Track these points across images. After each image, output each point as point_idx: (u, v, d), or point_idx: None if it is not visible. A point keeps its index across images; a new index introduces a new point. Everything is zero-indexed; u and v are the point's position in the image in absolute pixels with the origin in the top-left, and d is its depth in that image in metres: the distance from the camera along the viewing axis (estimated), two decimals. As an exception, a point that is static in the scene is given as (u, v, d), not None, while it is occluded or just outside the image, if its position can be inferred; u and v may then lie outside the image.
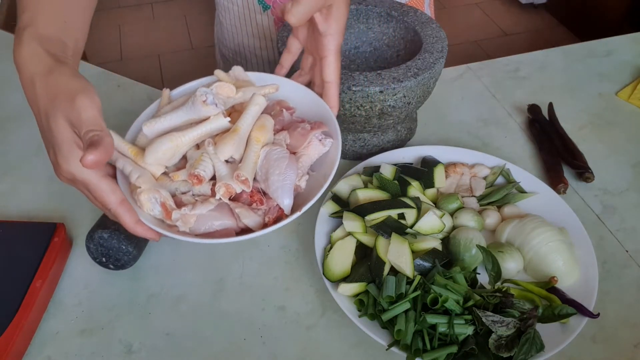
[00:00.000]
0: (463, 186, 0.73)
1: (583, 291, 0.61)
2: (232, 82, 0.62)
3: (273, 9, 0.89)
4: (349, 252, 0.64)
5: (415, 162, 0.77)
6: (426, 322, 0.56)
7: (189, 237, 0.53)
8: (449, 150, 0.77)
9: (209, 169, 0.55)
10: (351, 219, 0.65)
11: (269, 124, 0.59)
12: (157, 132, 0.57)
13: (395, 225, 0.64)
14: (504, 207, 0.70)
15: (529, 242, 0.64)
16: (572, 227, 0.67)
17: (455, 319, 0.56)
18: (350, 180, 0.71)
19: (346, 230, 0.65)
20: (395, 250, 0.61)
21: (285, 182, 0.55)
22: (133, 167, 0.55)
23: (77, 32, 0.57)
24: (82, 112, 0.48)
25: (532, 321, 0.55)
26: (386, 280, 0.59)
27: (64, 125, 0.48)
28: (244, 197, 0.57)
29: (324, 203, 0.69)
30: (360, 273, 0.61)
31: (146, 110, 0.64)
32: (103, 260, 0.64)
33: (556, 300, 0.60)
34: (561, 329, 0.57)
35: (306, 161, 0.59)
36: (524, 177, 0.73)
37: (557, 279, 0.62)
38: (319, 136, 0.60)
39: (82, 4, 0.58)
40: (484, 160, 0.76)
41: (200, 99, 0.55)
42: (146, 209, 0.54)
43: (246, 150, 0.57)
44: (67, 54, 0.53)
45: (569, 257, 0.63)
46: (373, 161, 0.76)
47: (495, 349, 0.54)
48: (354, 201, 0.69)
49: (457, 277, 0.59)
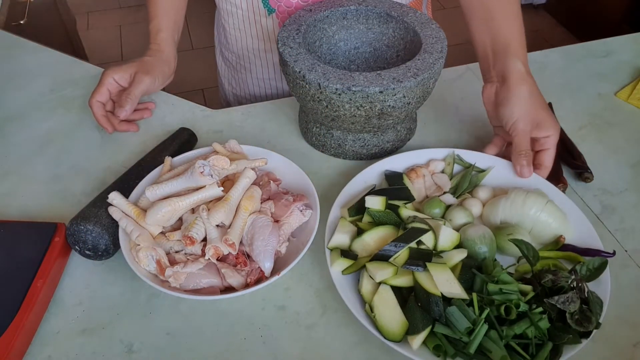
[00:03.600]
0: (431, 187, 0.73)
1: (587, 238, 0.66)
2: (227, 154, 0.72)
3: (278, 13, 0.89)
4: (392, 303, 0.59)
5: (379, 177, 0.75)
6: (512, 332, 0.54)
7: (179, 292, 0.59)
8: (413, 154, 0.76)
9: (201, 232, 0.62)
10: (378, 267, 0.60)
11: (257, 194, 0.67)
12: (158, 196, 0.65)
13: (422, 255, 0.60)
14: (475, 191, 0.71)
15: (527, 214, 0.66)
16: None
17: (532, 316, 0.55)
18: (343, 229, 0.66)
19: (377, 281, 0.60)
20: (442, 280, 0.57)
21: (267, 247, 0.62)
22: (134, 227, 0.63)
23: (180, 28, 0.94)
24: (139, 84, 0.83)
25: (582, 284, 0.58)
26: (450, 314, 0.55)
27: (130, 74, 0.84)
28: (230, 258, 0.63)
29: (332, 265, 0.63)
30: (419, 318, 0.56)
31: (149, 175, 0.72)
32: (77, 248, 0.65)
33: (575, 256, 0.64)
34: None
35: (287, 229, 0.66)
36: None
37: (564, 237, 0.65)
38: (300, 207, 0.67)
39: (181, 12, 0.94)
40: (436, 155, 0.76)
41: (199, 170, 0.63)
42: (143, 264, 0.61)
43: (235, 217, 0.64)
44: (170, 44, 0.90)
45: (560, 214, 0.67)
46: (347, 192, 0.71)
47: (577, 325, 0.55)
48: (364, 247, 0.64)
49: (502, 277, 0.58)
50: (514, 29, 0.76)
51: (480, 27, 0.78)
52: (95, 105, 0.82)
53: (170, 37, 0.90)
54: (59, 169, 0.81)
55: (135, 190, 0.70)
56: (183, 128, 0.83)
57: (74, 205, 0.74)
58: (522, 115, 0.71)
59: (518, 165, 0.71)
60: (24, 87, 0.96)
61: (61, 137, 0.87)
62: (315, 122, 0.81)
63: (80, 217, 0.65)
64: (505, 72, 0.73)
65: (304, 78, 0.69)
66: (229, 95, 1.13)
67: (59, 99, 0.94)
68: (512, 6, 0.77)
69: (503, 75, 0.73)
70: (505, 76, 0.73)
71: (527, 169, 0.71)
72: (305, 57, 0.71)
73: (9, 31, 1.14)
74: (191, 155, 0.75)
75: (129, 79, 0.84)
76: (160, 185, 0.65)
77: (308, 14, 0.79)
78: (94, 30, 3.03)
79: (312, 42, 0.80)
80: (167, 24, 0.90)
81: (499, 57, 0.75)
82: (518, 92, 0.71)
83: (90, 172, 0.80)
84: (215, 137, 0.86)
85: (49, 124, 0.89)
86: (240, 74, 1.06)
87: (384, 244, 0.63)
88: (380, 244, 0.64)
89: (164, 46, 0.88)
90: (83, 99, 0.93)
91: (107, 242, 0.64)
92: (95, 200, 0.68)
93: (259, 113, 0.91)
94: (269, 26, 0.93)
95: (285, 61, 0.71)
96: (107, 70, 0.84)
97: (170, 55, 0.89)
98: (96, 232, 0.64)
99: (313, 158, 0.82)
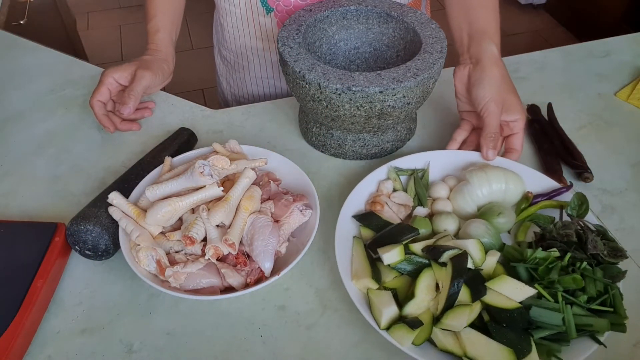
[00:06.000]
0: (399, 209, 0.70)
1: (542, 183, 0.71)
2: (227, 154, 0.72)
3: (276, 12, 0.89)
4: (484, 341, 0.55)
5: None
6: (584, 297, 0.57)
7: (179, 292, 0.59)
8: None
9: (201, 232, 0.62)
10: (454, 316, 0.56)
11: (257, 194, 0.66)
12: (158, 196, 0.64)
13: (476, 278, 0.58)
14: (432, 192, 0.71)
15: (497, 190, 0.69)
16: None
17: (587, 272, 0.59)
18: (380, 301, 0.59)
19: (463, 328, 0.56)
20: (511, 289, 0.56)
21: (267, 247, 0.62)
22: (134, 227, 0.63)
23: (178, 28, 0.94)
24: (141, 80, 0.82)
25: (584, 223, 0.65)
26: (537, 315, 0.55)
27: (130, 73, 0.84)
28: (230, 258, 0.63)
29: (403, 343, 0.55)
30: (515, 339, 0.54)
31: (149, 175, 0.72)
32: (77, 248, 0.65)
33: (549, 203, 0.69)
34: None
35: (287, 229, 0.66)
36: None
37: (531, 192, 0.70)
38: (300, 207, 0.67)
39: (180, 12, 0.94)
40: (380, 175, 0.74)
41: (199, 170, 0.63)
42: (143, 264, 0.61)
43: (235, 217, 0.64)
44: (168, 44, 0.90)
45: (516, 175, 0.70)
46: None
47: (614, 257, 0.61)
48: (417, 306, 0.59)
49: (538, 255, 0.60)
50: (491, 19, 0.79)
51: (459, 14, 0.81)
52: (96, 105, 0.82)
53: (169, 37, 0.90)
54: (59, 169, 0.81)
55: (135, 190, 0.70)
56: (183, 128, 0.83)
57: (74, 205, 0.74)
58: (494, 96, 0.73)
59: (485, 147, 0.73)
60: (24, 87, 0.96)
61: (61, 137, 0.87)
62: (315, 122, 0.81)
63: (80, 217, 0.65)
64: (479, 54, 0.75)
65: (304, 78, 0.69)
66: (227, 94, 1.13)
67: (59, 99, 0.94)
68: (491, 1, 0.80)
69: (477, 57, 0.75)
70: (479, 58, 0.75)
71: (492, 152, 0.73)
72: (305, 57, 0.71)
73: (9, 31, 1.14)
74: (191, 155, 0.75)
75: (129, 77, 0.84)
76: (160, 185, 0.65)
77: (308, 14, 0.79)
78: (94, 30, 3.03)
79: (312, 42, 0.80)
80: (165, 24, 0.90)
81: (474, 40, 0.77)
82: (491, 74, 0.73)
83: (90, 172, 0.80)
84: (215, 137, 0.86)
85: (49, 124, 0.89)
86: (238, 73, 1.06)
87: (431, 290, 0.59)
88: (429, 292, 0.59)
89: (162, 46, 0.89)
90: (83, 99, 0.93)
91: (107, 242, 0.64)
92: (95, 200, 0.68)
93: (259, 113, 0.91)
94: (268, 25, 0.93)
95: (285, 61, 0.71)
96: (107, 70, 0.84)
97: (169, 54, 0.89)
98: (96, 232, 0.64)
99: (313, 158, 0.82)
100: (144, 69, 0.83)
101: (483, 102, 0.73)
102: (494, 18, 0.79)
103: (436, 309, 0.58)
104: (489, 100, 0.73)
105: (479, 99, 0.74)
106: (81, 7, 3.13)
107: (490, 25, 0.78)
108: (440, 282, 0.59)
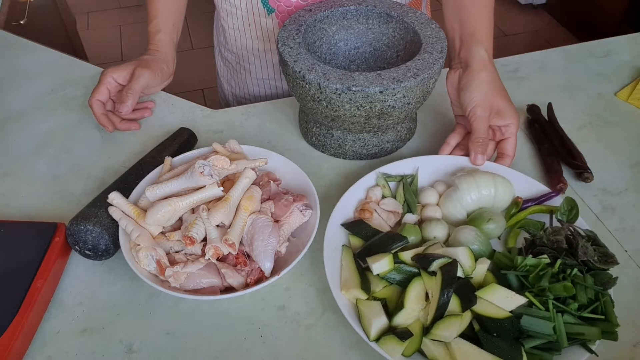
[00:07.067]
0: (388, 216, 0.70)
1: (531, 189, 0.71)
2: (227, 154, 0.71)
3: (277, 13, 0.89)
4: (475, 351, 0.54)
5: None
6: (575, 305, 0.57)
7: (179, 292, 0.59)
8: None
9: (201, 232, 0.62)
10: (445, 326, 0.55)
11: (257, 194, 0.66)
12: (158, 196, 0.64)
13: (465, 287, 0.58)
14: (421, 195, 0.71)
15: (486, 196, 0.68)
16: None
17: (578, 279, 0.58)
18: (370, 312, 0.58)
19: (453, 339, 0.55)
20: (501, 298, 0.56)
21: (268, 247, 0.62)
22: (134, 227, 0.63)
23: (179, 30, 0.94)
24: (139, 78, 0.82)
25: (574, 228, 0.65)
26: (527, 324, 0.54)
27: (129, 72, 0.84)
28: (230, 258, 0.63)
29: (393, 355, 0.54)
30: (506, 348, 0.53)
31: (149, 175, 0.72)
32: (77, 248, 0.65)
33: (539, 208, 0.68)
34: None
35: (287, 229, 0.66)
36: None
37: (521, 197, 0.69)
38: (300, 207, 0.67)
39: (181, 13, 0.94)
40: (369, 182, 0.73)
41: (199, 170, 0.63)
42: (143, 264, 0.61)
43: (235, 217, 0.64)
44: (169, 45, 0.90)
45: (505, 180, 0.69)
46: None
47: (605, 264, 0.61)
48: (407, 316, 0.58)
49: (528, 262, 0.60)
50: (483, 18, 0.78)
51: (452, 14, 0.81)
52: (95, 104, 0.82)
53: (169, 38, 0.90)
54: (59, 169, 0.81)
55: (135, 190, 0.70)
56: (183, 128, 0.83)
57: (74, 205, 0.74)
58: (481, 100, 0.73)
59: (473, 152, 0.72)
60: (24, 87, 0.96)
61: (61, 137, 0.87)
62: (315, 122, 0.81)
63: (80, 217, 0.65)
64: (468, 58, 0.75)
65: (304, 78, 0.69)
66: (228, 95, 1.13)
67: (59, 99, 0.94)
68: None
69: (467, 61, 0.76)
70: (468, 62, 0.75)
71: (481, 157, 0.72)
72: (305, 57, 0.71)
73: (9, 31, 1.14)
74: (191, 155, 0.75)
75: (128, 77, 0.84)
76: (160, 185, 0.65)
77: (308, 14, 0.79)
78: (94, 30, 3.03)
79: (312, 42, 0.80)
80: (166, 25, 0.90)
81: (464, 44, 0.77)
82: (478, 78, 0.73)
83: (90, 172, 0.80)
84: (215, 137, 0.86)
85: (49, 124, 0.89)
86: (239, 75, 1.06)
87: (421, 300, 0.58)
88: (419, 302, 0.58)
89: (162, 47, 0.89)
90: (83, 99, 0.93)
91: (107, 242, 0.64)
92: (95, 200, 0.68)
93: (259, 113, 0.91)
94: (269, 26, 0.92)
95: (285, 61, 0.71)
96: (106, 70, 0.84)
97: (169, 55, 0.89)
98: (96, 232, 0.64)
99: (313, 158, 0.82)
100: (143, 68, 0.83)
101: (470, 106, 0.73)
102: (487, 18, 0.79)
103: (426, 319, 0.57)
104: (475, 104, 0.73)
105: (466, 103, 0.74)
106: (81, 7, 3.13)
107: (482, 25, 0.78)
108: (430, 292, 0.59)
